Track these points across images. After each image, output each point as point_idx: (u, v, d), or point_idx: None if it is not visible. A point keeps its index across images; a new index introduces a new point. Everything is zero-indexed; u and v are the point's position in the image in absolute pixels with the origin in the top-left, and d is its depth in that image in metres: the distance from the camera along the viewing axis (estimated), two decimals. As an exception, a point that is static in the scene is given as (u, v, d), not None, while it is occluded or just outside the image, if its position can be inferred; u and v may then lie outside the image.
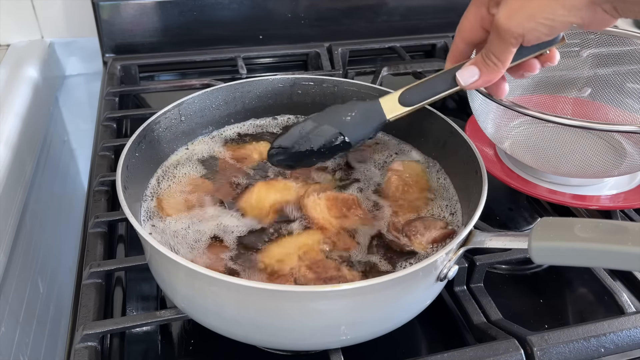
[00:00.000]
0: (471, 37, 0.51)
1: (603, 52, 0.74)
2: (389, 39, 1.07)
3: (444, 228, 0.54)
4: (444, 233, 0.53)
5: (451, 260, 0.47)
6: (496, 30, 0.45)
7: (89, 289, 0.53)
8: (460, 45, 0.52)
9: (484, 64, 0.48)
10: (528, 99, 0.77)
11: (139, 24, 0.97)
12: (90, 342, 0.48)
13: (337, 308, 0.43)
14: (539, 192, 0.68)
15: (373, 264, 0.50)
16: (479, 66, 0.49)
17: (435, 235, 0.53)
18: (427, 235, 0.53)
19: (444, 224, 0.54)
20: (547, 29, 0.43)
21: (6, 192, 0.70)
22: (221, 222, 0.54)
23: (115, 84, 0.91)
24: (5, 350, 0.66)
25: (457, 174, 0.59)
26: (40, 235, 0.86)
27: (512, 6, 0.43)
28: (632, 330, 0.50)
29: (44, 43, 1.03)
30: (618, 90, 0.73)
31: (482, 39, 0.50)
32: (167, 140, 0.62)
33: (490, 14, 0.48)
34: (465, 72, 0.50)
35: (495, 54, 0.47)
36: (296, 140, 0.53)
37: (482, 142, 0.76)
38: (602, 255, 0.39)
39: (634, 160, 0.66)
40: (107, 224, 0.62)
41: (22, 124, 0.81)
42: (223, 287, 0.42)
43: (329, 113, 0.54)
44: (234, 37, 1.02)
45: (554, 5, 0.41)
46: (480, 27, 0.49)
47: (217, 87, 0.66)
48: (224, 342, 0.48)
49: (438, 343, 0.56)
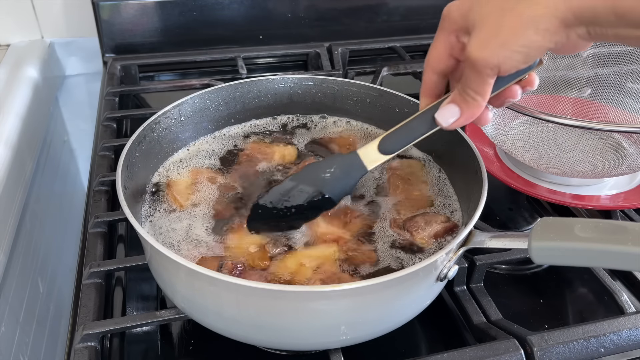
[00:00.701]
0: (441, 67, 0.47)
1: (603, 52, 0.74)
2: (389, 39, 1.07)
3: (446, 222, 0.54)
4: (445, 227, 0.53)
5: (451, 260, 0.47)
6: (470, 63, 0.42)
7: (89, 289, 0.53)
8: (432, 77, 0.48)
9: (463, 101, 0.45)
10: (528, 99, 0.77)
11: (139, 24, 0.97)
12: (90, 342, 0.48)
13: (337, 308, 0.43)
14: (539, 192, 0.68)
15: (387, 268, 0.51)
16: (458, 104, 0.45)
17: (437, 229, 0.53)
18: (428, 230, 0.52)
19: (445, 218, 0.54)
20: (523, 57, 0.40)
21: (6, 192, 0.70)
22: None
23: (115, 84, 0.91)
24: (5, 350, 0.66)
25: (457, 174, 0.59)
26: (40, 235, 0.86)
27: (484, 36, 0.41)
28: (632, 330, 0.50)
29: (44, 43, 1.03)
30: (618, 90, 0.73)
31: (452, 68, 0.47)
32: (167, 140, 0.62)
33: (460, 42, 0.45)
34: (444, 112, 0.46)
35: (473, 88, 0.43)
36: (277, 201, 0.50)
37: (482, 142, 0.76)
38: (602, 255, 0.39)
39: (634, 160, 0.66)
40: (107, 224, 0.62)
41: (22, 124, 0.81)
42: (223, 287, 0.42)
43: (307, 172, 0.51)
44: (234, 37, 1.02)
45: (526, 32, 0.39)
46: (450, 55, 0.46)
47: (217, 87, 0.66)
48: (224, 342, 0.48)
49: (438, 343, 0.56)
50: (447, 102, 0.46)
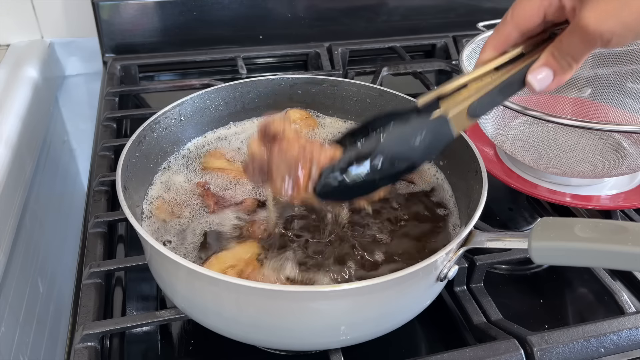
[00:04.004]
0: (528, 26, 0.44)
1: (603, 52, 0.74)
2: (389, 39, 1.07)
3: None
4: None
5: (451, 260, 0.47)
6: (581, 32, 0.40)
7: (89, 289, 0.53)
8: (512, 33, 0.44)
9: (559, 66, 0.42)
10: (528, 99, 0.77)
11: (139, 24, 0.97)
12: (90, 342, 0.48)
13: (337, 308, 0.43)
14: (539, 192, 0.68)
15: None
16: (553, 68, 0.43)
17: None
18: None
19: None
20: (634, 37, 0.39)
21: (6, 192, 0.70)
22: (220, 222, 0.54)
23: (115, 84, 0.91)
24: (5, 350, 0.66)
25: (457, 174, 0.59)
26: (40, 235, 0.86)
27: (604, 8, 0.38)
28: (632, 330, 0.50)
29: (44, 43, 1.03)
30: (618, 90, 0.73)
31: (538, 31, 0.44)
32: (167, 140, 0.62)
33: (561, 3, 0.42)
34: (538, 75, 0.43)
35: (573, 55, 0.41)
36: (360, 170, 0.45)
37: (482, 142, 0.76)
38: (602, 255, 0.39)
39: (634, 160, 0.66)
40: (107, 224, 0.62)
41: (22, 124, 0.81)
42: (223, 287, 0.42)
43: (396, 138, 0.45)
44: (234, 37, 1.02)
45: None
46: (544, 16, 0.43)
47: (217, 87, 0.66)
48: (224, 342, 0.48)
49: (438, 343, 0.56)
50: (540, 66, 0.44)
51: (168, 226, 0.54)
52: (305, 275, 0.49)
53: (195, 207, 0.56)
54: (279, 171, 0.46)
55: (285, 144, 0.46)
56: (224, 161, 0.62)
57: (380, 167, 0.45)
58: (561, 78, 0.43)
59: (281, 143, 0.46)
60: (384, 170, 0.45)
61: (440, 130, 0.46)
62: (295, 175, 0.45)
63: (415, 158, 0.46)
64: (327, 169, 0.46)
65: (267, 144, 0.47)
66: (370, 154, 0.45)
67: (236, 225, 0.54)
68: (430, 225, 0.56)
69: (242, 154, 0.64)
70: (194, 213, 0.56)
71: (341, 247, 0.52)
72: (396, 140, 0.46)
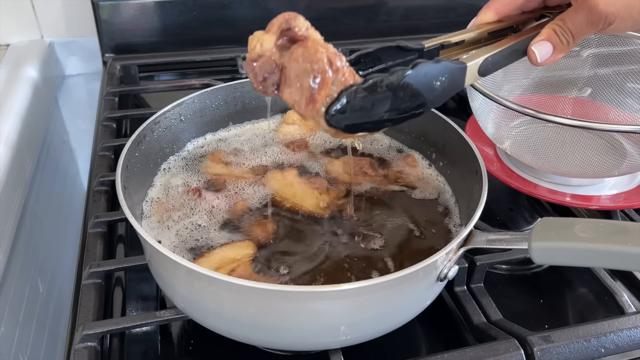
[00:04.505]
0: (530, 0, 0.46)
1: (603, 52, 0.74)
2: (389, 39, 1.06)
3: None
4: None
5: (451, 260, 0.47)
6: (588, 11, 0.41)
7: (89, 289, 0.53)
8: (516, 1, 0.47)
9: (559, 42, 0.44)
10: (528, 99, 0.77)
11: (139, 24, 0.97)
12: (90, 342, 0.48)
13: (337, 308, 0.43)
14: (539, 192, 0.68)
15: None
16: (553, 43, 0.45)
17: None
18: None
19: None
20: (631, 25, 0.41)
21: (6, 192, 0.70)
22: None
23: (115, 84, 0.91)
24: (5, 350, 0.66)
25: (457, 174, 0.59)
26: (40, 235, 0.86)
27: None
28: (632, 330, 0.50)
29: (43, 43, 1.03)
30: (618, 90, 0.73)
31: (539, 6, 0.46)
32: (167, 141, 0.62)
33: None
34: (540, 48, 0.45)
35: (574, 33, 0.43)
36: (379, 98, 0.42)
37: (482, 142, 0.76)
38: (602, 255, 0.39)
39: (634, 160, 0.66)
40: (107, 224, 0.62)
41: (22, 124, 0.81)
42: (223, 287, 0.42)
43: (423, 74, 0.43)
44: (234, 37, 1.02)
45: None
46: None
47: (217, 87, 0.66)
48: (224, 342, 0.48)
49: (438, 343, 0.56)
50: (542, 39, 0.45)
51: (167, 226, 0.54)
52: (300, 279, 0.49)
53: (193, 209, 0.56)
54: (297, 79, 0.40)
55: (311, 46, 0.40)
56: (222, 166, 0.62)
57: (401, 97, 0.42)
58: (559, 54, 0.45)
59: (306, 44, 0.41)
60: (401, 102, 0.42)
61: (457, 77, 0.45)
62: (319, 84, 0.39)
63: (428, 99, 0.44)
64: (349, 89, 0.41)
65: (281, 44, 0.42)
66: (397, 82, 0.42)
67: (231, 227, 0.54)
68: (430, 225, 0.56)
69: (241, 156, 0.64)
70: (192, 214, 0.56)
71: (341, 247, 0.52)
72: (422, 77, 0.43)
